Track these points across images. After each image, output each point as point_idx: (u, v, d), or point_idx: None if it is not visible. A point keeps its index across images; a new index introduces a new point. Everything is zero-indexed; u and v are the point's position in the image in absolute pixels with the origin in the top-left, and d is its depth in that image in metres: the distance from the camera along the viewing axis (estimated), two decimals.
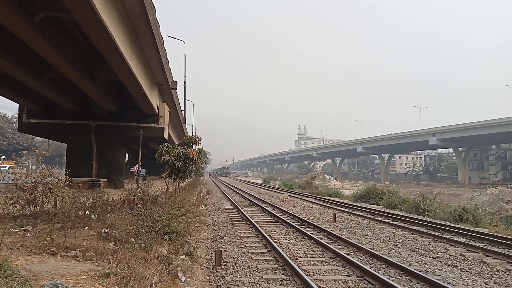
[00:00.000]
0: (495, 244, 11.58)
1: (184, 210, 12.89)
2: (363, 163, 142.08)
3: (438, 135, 71.83)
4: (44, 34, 12.28)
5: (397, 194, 27.49)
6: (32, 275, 4.69)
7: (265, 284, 7.02)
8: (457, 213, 17.76)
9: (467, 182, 71.96)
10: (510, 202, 27.63)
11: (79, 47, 16.04)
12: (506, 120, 60.06)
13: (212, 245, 10.54)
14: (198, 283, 6.78)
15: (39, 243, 6.59)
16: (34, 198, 9.04)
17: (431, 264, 9.06)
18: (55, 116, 22.62)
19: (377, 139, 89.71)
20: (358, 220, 17.01)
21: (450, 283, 7.37)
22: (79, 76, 16.24)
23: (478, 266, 9.00)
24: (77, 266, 5.60)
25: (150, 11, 12.83)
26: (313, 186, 45.11)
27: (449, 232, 13.72)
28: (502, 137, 66.60)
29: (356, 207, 23.10)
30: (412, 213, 20.42)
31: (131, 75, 15.85)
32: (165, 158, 16.49)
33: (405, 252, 10.41)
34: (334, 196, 33.95)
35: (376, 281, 7.13)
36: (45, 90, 18.49)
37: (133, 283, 4.92)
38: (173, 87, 22.97)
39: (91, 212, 9.65)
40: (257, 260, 8.86)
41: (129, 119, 23.17)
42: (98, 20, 10.67)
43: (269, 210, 19.50)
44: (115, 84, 19.96)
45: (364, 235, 13.15)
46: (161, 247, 8.16)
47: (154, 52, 16.35)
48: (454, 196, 36.07)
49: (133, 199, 12.08)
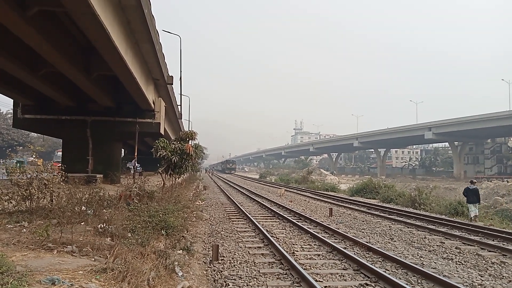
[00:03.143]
0: (490, 237, 11.68)
1: (181, 205, 12.88)
2: (360, 158, 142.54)
3: (434, 129, 72.18)
4: (38, 29, 12.16)
5: (393, 188, 27.62)
6: (28, 270, 4.66)
7: (262, 278, 7.04)
8: (452, 206, 17.90)
9: (463, 176, 72.37)
10: (505, 196, 27.83)
11: (74, 42, 15.92)
12: (501, 114, 60.50)
13: (209, 240, 10.55)
14: (195, 278, 6.79)
15: (35, 238, 6.56)
16: (30, 194, 9.01)
17: (427, 257, 9.12)
18: (50, 111, 22.44)
19: (373, 134, 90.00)
20: (354, 214, 17.08)
21: (446, 276, 7.42)
22: (74, 71, 16.12)
23: (474, 258, 9.07)
24: (73, 262, 5.58)
25: (145, 4, 12.71)
26: (309, 180, 45.21)
27: (445, 226, 13.82)
28: (497, 131, 67.07)
29: (352, 202, 23.19)
30: (408, 207, 20.54)
31: (127, 70, 15.75)
32: (162, 153, 16.45)
33: (401, 246, 10.47)
34: (330, 190, 34.06)
35: (373, 274, 7.17)
36: (40, 86, 18.35)
37: (130, 278, 4.91)
38: (169, 82, 22.84)
39: (87, 207, 9.62)
40: (254, 255, 8.88)
41: (125, 114, 23.05)
42: (93, 14, 10.57)
43: (265, 205, 19.53)
44: (110, 79, 19.85)
45: (361, 229, 13.21)
46: (158, 242, 8.16)
47: (150, 46, 16.23)
48: (450, 190, 36.24)
49: (129, 195, 12.06)
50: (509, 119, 58.95)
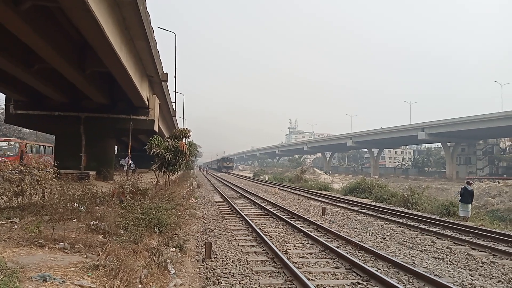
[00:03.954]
0: (481, 237, 11.81)
1: (174, 203, 12.86)
2: (353, 157, 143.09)
3: (427, 130, 72.62)
4: (31, 24, 12.03)
5: (386, 188, 27.76)
6: (19, 267, 4.64)
7: (255, 276, 7.05)
8: (444, 206, 18.04)
9: (455, 177, 73.03)
10: (496, 197, 28.11)
11: (68, 37, 15.77)
12: (494, 115, 61.03)
13: (202, 238, 10.55)
14: (188, 276, 6.79)
15: (26, 235, 6.51)
16: (22, 190, 8.94)
17: (419, 257, 9.20)
18: (43, 107, 22.24)
19: (367, 133, 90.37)
20: (347, 214, 17.16)
21: (437, 275, 7.49)
22: (68, 67, 15.99)
23: (464, 258, 9.16)
24: (65, 258, 5.56)
25: (140, 1, 12.65)
26: (303, 179, 45.28)
27: (436, 226, 13.94)
28: (489, 132, 67.67)
29: (345, 201, 23.28)
30: (400, 206, 20.66)
31: (121, 67, 15.66)
32: (155, 150, 16.41)
33: (393, 245, 10.55)
34: (324, 189, 34.13)
35: (365, 273, 7.22)
36: (33, 81, 18.17)
37: (122, 275, 4.90)
38: (163, 79, 22.73)
39: (79, 204, 9.57)
40: (247, 253, 8.90)
41: (118, 111, 22.92)
42: (87, 9, 10.48)
43: (259, 203, 19.55)
44: (105, 75, 19.71)
45: (353, 228, 13.28)
46: (151, 239, 8.14)
47: (145, 43, 16.15)
48: (442, 190, 36.53)
49: (122, 192, 12.00)
50: (501, 121, 59.53)
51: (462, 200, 16.00)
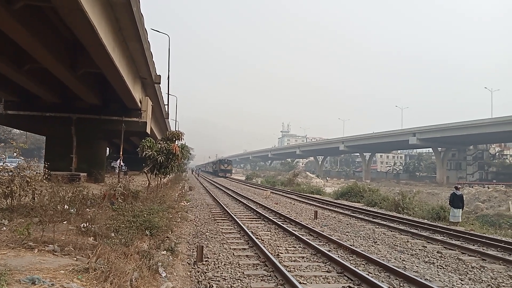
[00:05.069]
0: (471, 242, 11.90)
1: (166, 205, 12.79)
2: (345, 161, 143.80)
3: (418, 135, 73.32)
4: (23, 23, 11.92)
5: (377, 192, 27.91)
6: (8, 269, 4.57)
7: (246, 279, 7.03)
8: (435, 211, 18.17)
9: (445, 182, 73.69)
10: (485, 202, 28.45)
11: (60, 37, 15.64)
12: (484, 121, 61.86)
13: (193, 241, 10.50)
14: (179, 279, 6.75)
15: (15, 237, 6.42)
16: (11, 191, 8.82)
17: (409, 261, 9.25)
18: (34, 108, 22.01)
19: (359, 138, 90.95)
20: (339, 218, 17.21)
21: (428, 279, 7.53)
22: (60, 67, 15.85)
23: (454, 263, 9.23)
24: (55, 261, 5.49)
25: (134, 2, 12.61)
26: (295, 183, 45.38)
27: (427, 230, 14.03)
28: (479, 138, 68.52)
29: (337, 205, 23.35)
30: (391, 211, 20.78)
31: (114, 68, 15.57)
32: (147, 153, 16.31)
33: (384, 249, 10.59)
34: (316, 193, 34.23)
35: (356, 277, 7.24)
36: (24, 81, 17.98)
37: (113, 278, 4.85)
38: (156, 81, 22.66)
39: (70, 206, 9.47)
40: (238, 256, 8.87)
41: (111, 112, 22.77)
42: (80, 10, 10.42)
43: (251, 207, 19.52)
44: (97, 76, 19.59)
45: (345, 232, 13.32)
46: (142, 242, 8.07)
47: (138, 45, 16.09)
48: (433, 195, 36.85)
49: (113, 194, 11.91)
50: (491, 127, 60.35)
51: (453, 205, 16.15)
